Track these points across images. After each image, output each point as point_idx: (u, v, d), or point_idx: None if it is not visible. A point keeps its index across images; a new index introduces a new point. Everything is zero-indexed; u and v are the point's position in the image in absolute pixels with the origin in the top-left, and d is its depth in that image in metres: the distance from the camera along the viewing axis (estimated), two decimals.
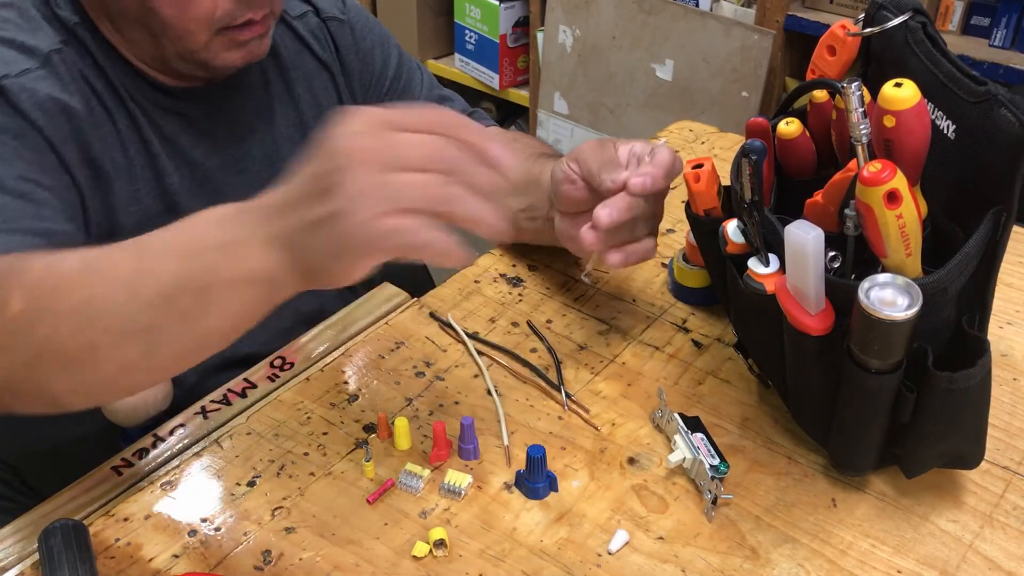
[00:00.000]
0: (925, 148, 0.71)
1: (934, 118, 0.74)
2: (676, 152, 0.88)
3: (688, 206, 0.89)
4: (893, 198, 0.67)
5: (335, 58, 1.12)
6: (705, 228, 0.87)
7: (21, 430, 1.04)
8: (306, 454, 0.86)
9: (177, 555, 0.77)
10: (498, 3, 2.81)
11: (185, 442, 0.88)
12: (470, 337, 0.98)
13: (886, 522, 0.79)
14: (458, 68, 3.05)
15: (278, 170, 1.07)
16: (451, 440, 0.85)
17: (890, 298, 0.68)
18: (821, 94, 0.85)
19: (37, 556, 0.76)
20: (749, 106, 2.36)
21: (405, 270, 1.38)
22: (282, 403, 0.91)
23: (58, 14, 0.94)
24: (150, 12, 0.89)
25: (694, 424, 0.84)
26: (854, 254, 0.74)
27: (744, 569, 0.75)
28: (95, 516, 0.81)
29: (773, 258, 0.77)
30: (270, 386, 0.94)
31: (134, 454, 0.87)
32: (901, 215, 0.67)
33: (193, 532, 0.79)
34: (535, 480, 0.81)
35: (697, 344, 0.98)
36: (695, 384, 0.93)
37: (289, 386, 0.93)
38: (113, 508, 0.81)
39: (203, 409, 0.91)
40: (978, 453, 0.78)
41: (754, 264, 0.78)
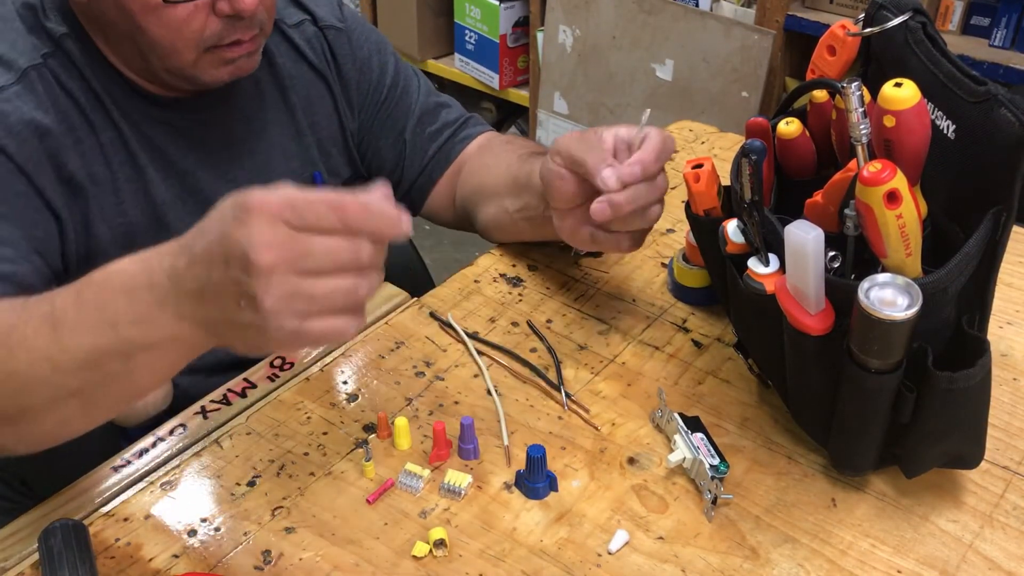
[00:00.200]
0: (925, 148, 0.71)
1: (934, 118, 0.74)
2: (666, 132, 0.88)
3: (688, 206, 0.89)
4: (893, 198, 0.67)
5: (332, 67, 1.11)
6: (705, 228, 0.87)
7: None
8: (306, 454, 0.86)
9: (177, 555, 0.77)
10: (498, 3, 2.81)
11: (185, 442, 0.88)
12: (470, 337, 0.98)
13: (886, 522, 0.79)
14: (458, 68, 3.05)
15: (270, 179, 1.07)
16: (451, 440, 0.85)
17: (890, 298, 0.68)
18: (821, 94, 0.85)
19: (37, 556, 0.76)
20: (749, 106, 2.36)
21: (405, 270, 1.39)
22: (282, 403, 0.91)
23: (45, 25, 0.93)
24: (139, 30, 0.89)
25: (694, 424, 0.84)
26: (854, 254, 0.74)
27: (744, 569, 0.75)
28: (95, 516, 0.81)
29: (773, 258, 0.77)
30: (270, 386, 0.94)
31: (134, 454, 0.87)
32: (901, 215, 0.67)
33: (193, 532, 0.79)
34: (535, 480, 0.81)
35: (697, 344, 0.98)
36: (695, 384, 0.93)
37: (289, 386, 0.93)
38: (113, 508, 0.81)
39: (203, 409, 0.91)
40: (978, 453, 0.78)
41: (754, 264, 0.78)
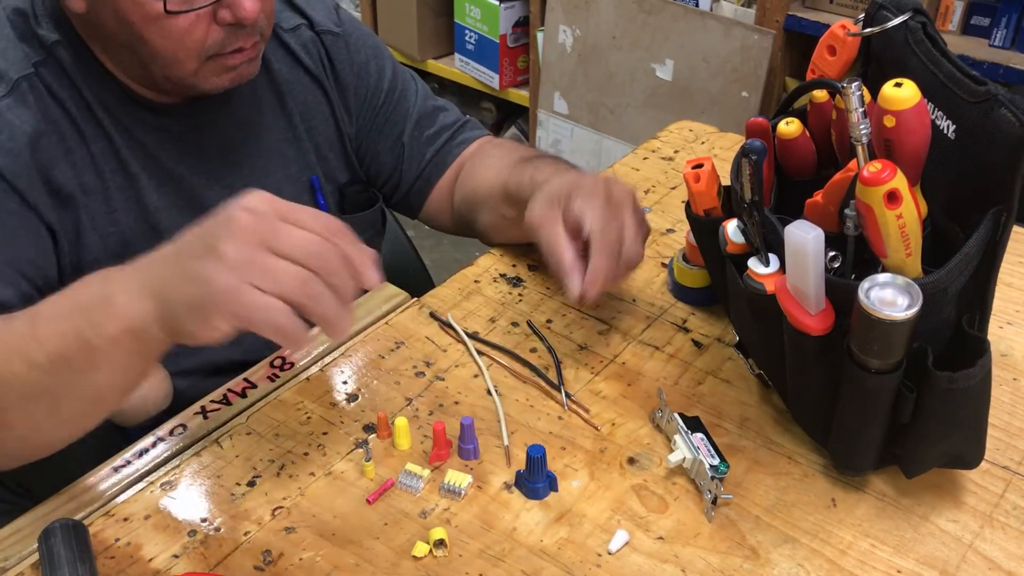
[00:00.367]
0: (925, 148, 0.71)
1: (934, 118, 0.74)
2: (635, 247, 0.89)
3: (688, 206, 0.89)
4: (893, 198, 0.67)
5: (329, 72, 1.11)
6: (705, 228, 0.87)
7: None
8: (306, 454, 0.86)
9: (177, 555, 0.77)
10: (498, 3, 2.81)
11: (185, 442, 0.88)
12: (470, 337, 0.98)
13: (886, 522, 0.79)
14: (458, 68, 3.05)
15: (267, 184, 1.07)
16: (451, 440, 0.85)
17: (890, 298, 0.68)
18: (821, 94, 0.85)
19: (37, 556, 0.76)
20: (749, 106, 2.36)
21: (405, 270, 1.39)
22: (282, 403, 0.91)
23: (36, 32, 0.93)
24: (140, 40, 0.89)
25: (694, 424, 0.84)
26: (854, 254, 0.74)
27: (744, 569, 0.75)
28: (95, 516, 0.81)
29: (773, 258, 0.77)
30: (270, 386, 0.94)
31: (134, 454, 0.87)
32: (901, 215, 0.67)
33: (193, 532, 0.79)
34: (535, 480, 0.81)
35: (697, 344, 0.98)
36: (695, 384, 0.93)
37: (289, 386, 0.93)
38: (113, 508, 0.81)
39: (203, 409, 0.91)
40: (978, 453, 0.78)
41: (754, 264, 0.78)
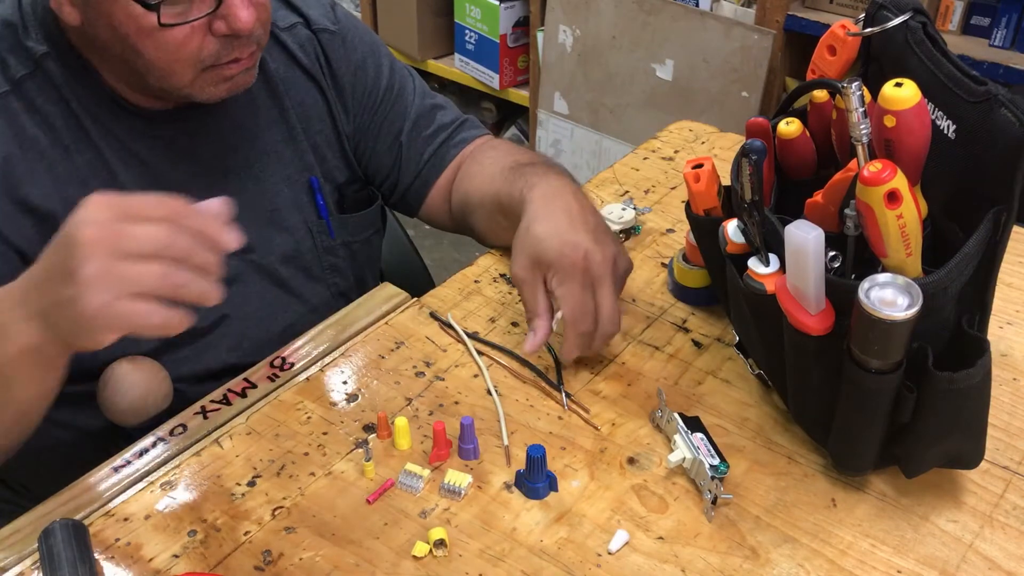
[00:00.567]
0: (925, 148, 0.71)
1: (934, 118, 0.74)
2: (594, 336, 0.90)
3: (688, 206, 0.89)
4: (893, 198, 0.67)
5: (326, 71, 1.10)
6: (705, 228, 0.87)
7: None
8: (306, 454, 0.86)
9: (177, 555, 0.77)
10: (498, 3, 2.81)
11: (185, 442, 0.88)
12: (470, 337, 0.98)
13: (886, 522, 0.79)
14: (458, 68, 3.05)
15: (265, 186, 1.07)
16: (451, 440, 0.85)
17: (890, 298, 0.68)
18: (821, 94, 0.85)
19: (37, 556, 0.76)
20: (749, 106, 2.36)
21: (405, 270, 1.39)
22: (282, 403, 0.91)
23: (25, 44, 0.92)
24: (135, 53, 0.88)
25: (694, 424, 0.84)
26: (854, 254, 0.74)
27: (744, 569, 0.75)
28: (95, 516, 0.81)
29: (773, 258, 0.77)
30: (270, 386, 0.94)
31: (134, 454, 0.87)
32: (901, 215, 0.67)
33: (193, 532, 0.79)
34: (535, 480, 0.81)
35: (697, 344, 0.98)
36: (695, 384, 0.93)
37: (289, 386, 0.93)
38: (113, 508, 0.81)
39: (203, 409, 0.91)
40: (978, 453, 0.78)
41: (754, 264, 0.78)
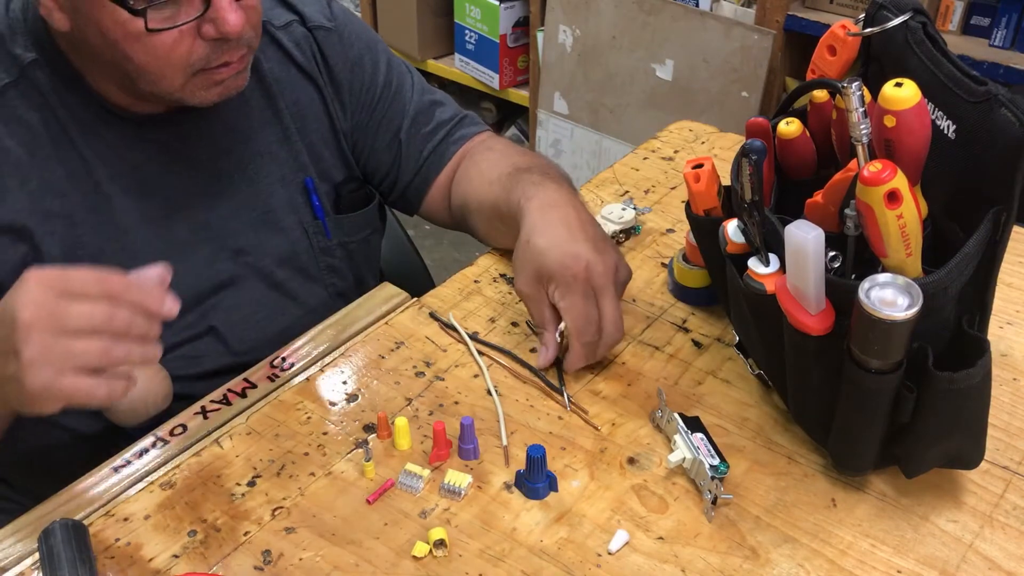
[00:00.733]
0: (925, 148, 0.71)
1: (934, 118, 0.74)
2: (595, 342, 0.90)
3: (688, 206, 0.89)
4: (893, 198, 0.67)
5: (322, 69, 1.10)
6: (705, 228, 0.87)
7: (21, 433, 1.04)
8: (306, 454, 0.86)
9: (177, 555, 0.77)
10: (498, 3, 2.81)
11: (185, 442, 0.88)
12: (470, 337, 0.98)
13: (886, 522, 0.79)
14: (458, 68, 3.05)
15: (260, 188, 1.06)
16: (451, 440, 0.85)
17: (890, 298, 0.68)
18: (821, 94, 0.85)
19: (37, 556, 0.76)
20: (749, 106, 2.36)
21: (405, 270, 1.39)
22: (282, 403, 0.91)
23: (12, 52, 0.92)
24: (124, 58, 0.88)
25: (694, 424, 0.84)
26: (854, 254, 0.74)
27: (744, 569, 0.75)
28: (95, 516, 0.81)
29: (773, 258, 0.77)
30: (270, 386, 0.94)
31: (134, 454, 0.87)
32: (901, 215, 0.67)
33: (193, 532, 0.79)
34: (535, 480, 0.81)
35: (697, 344, 0.98)
36: (695, 384, 0.93)
37: (289, 386, 0.93)
38: (113, 508, 0.81)
39: (203, 409, 0.91)
40: (978, 453, 0.78)
41: (754, 264, 0.78)
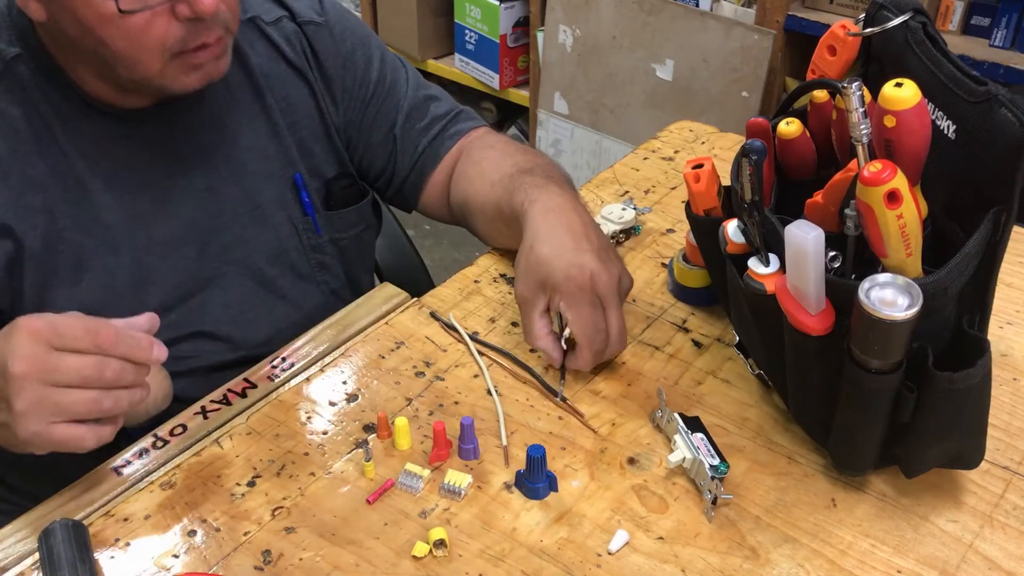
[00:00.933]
0: (925, 148, 0.71)
1: (934, 118, 0.74)
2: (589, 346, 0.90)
3: (688, 206, 0.89)
4: (893, 198, 0.67)
5: (312, 64, 1.09)
6: (705, 228, 0.87)
7: None
8: (306, 454, 0.86)
9: (177, 555, 0.77)
10: (498, 3, 2.81)
11: (185, 442, 0.88)
12: (470, 337, 0.98)
13: (886, 522, 0.79)
14: (458, 68, 3.05)
15: (247, 184, 1.06)
16: (451, 440, 0.85)
17: (890, 298, 0.68)
18: (821, 94, 0.85)
19: (37, 556, 0.76)
20: (749, 106, 2.36)
21: (405, 270, 1.38)
22: (282, 403, 0.91)
23: None
24: (100, 44, 0.87)
25: (694, 424, 0.84)
26: (854, 254, 0.74)
27: (744, 569, 0.75)
28: (95, 516, 0.81)
29: (773, 258, 0.77)
30: (270, 386, 0.94)
31: (134, 454, 0.87)
32: (901, 215, 0.67)
33: (193, 532, 0.79)
34: (535, 480, 0.81)
35: (697, 344, 0.98)
36: (695, 384, 0.93)
37: (289, 386, 0.93)
38: (113, 508, 0.81)
39: (203, 409, 0.91)
40: (978, 453, 0.78)
41: (754, 264, 0.78)
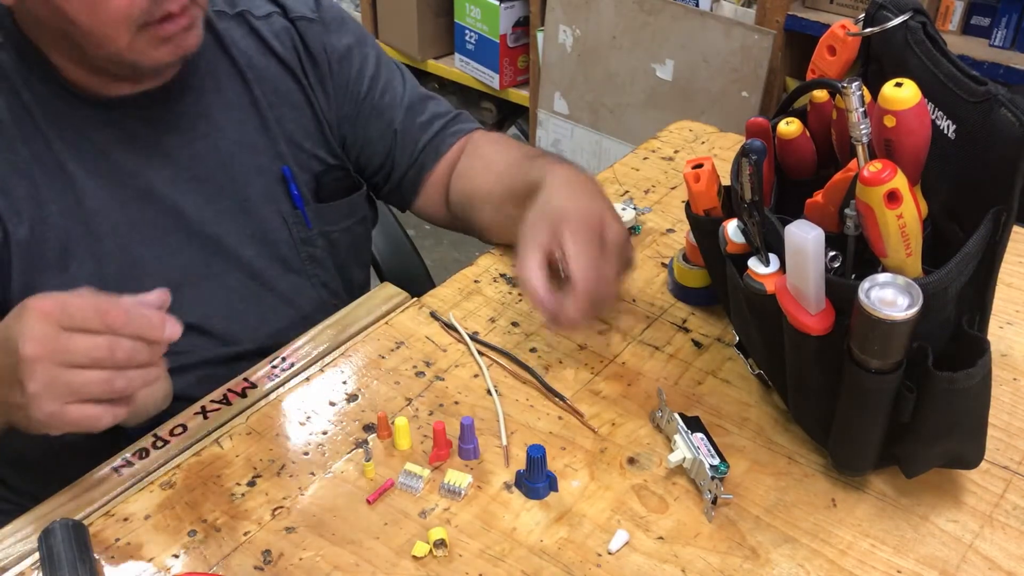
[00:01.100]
0: (925, 148, 0.71)
1: (934, 118, 0.74)
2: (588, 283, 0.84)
3: (688, 206, 0.89)
4: (893, 198, 0.67)
5: (304, 59, 1.09)
6: (705, 228, 0.87)
7: (18, 440, 1.04)
8: (306, 454, 0.86)
9: (177, 555, 0.77)
10: (498, 3, 2.81)
11: (185, 442, 0.88)
12: (470, 337, 0.98)
13: (886, 522, 0.79)
14: (458, 68, 3.05)
15: (235, 176, 1.06)
16: (451, 440, 0.85)
17: (890, 298, 0.68)
18: (821, 94, 0.85)
19: (37, 556, 0.76)
20: (749, 106, 2.36)
21: (405, 270, 1.39)
22: (282, 403, 0.91)
23: None
24: (67, 22, 0.87)
25: (694, 424, 0.84)
26: (854, 254, 0.74)
27: (744, 569, 0.75)
28: (95, 516, 0.81)
29: (773, 258, 0.77)
30: (270, 386, 0.94)
31: (134, 454, 0.87)
32: (901, 215, 0.67)
33: (193, 532, 0.79)
34: (535, 480, 0.81)
35: (697, 344, 0.98)
36: (695, 384, 0.93)
37: (289, 386, 0.93)
38: (113, 508, 0.81)
39: (203, 409, 0.91)
40: (978, 453, 0.78)
41: (754, 264, 0.78)
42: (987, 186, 0.70)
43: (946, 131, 0.73)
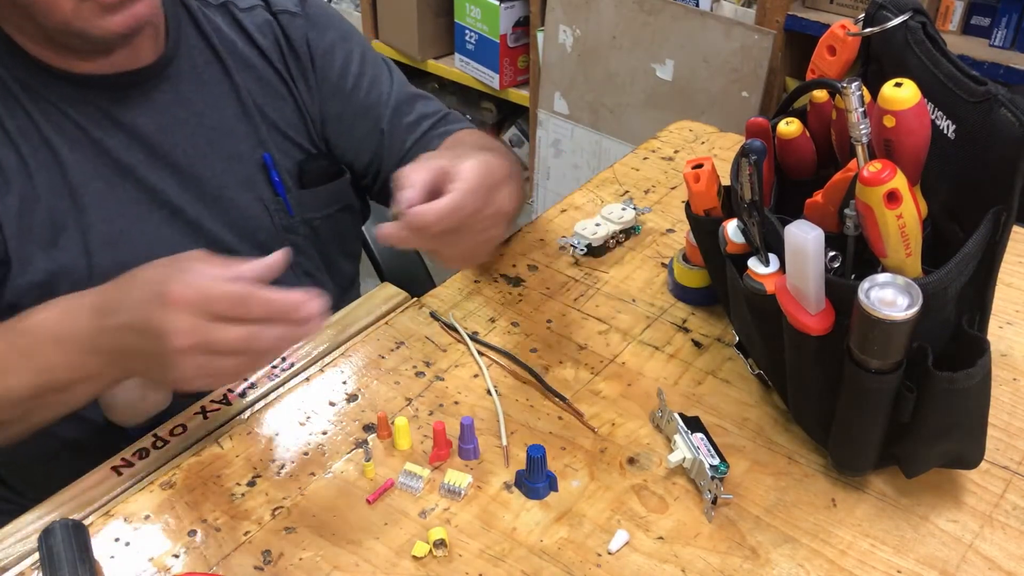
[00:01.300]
0: (925, 148, 0.71)
1: (934, 118, 0.74)
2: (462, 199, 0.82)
3: (688, 206, 0.89)
4: (893, 198, 0.67)
5: (286, 52, 1.09)
6: (705, 228, 0.87)
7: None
8: (306, 454, 0.86)
9: (177, 555, 0.77)
10: (498, 3, 2.81)
11: (185, 442, 0.88)
12: (470, 337, 0.98)
13: (886, 522, 0.79)
14: (458, 68, 3.05)
15: (213, 162, 1.05)
16: (451, 440, 0.85)
17: (890, 298, 0.68)
18: (821, 94, 0.85)
19: (37, 556, 0.76)
20: (749, 106, 2.36)
21: (405, 270, 1.38)
22: (282, 403, 0.91)
23: None
24: None
25: (694, 424, 0.84)
26: (854, 254, 0.74)
27: (744, 569, 0.75)
28: (95, 516, 0.81)
29: (773, 258, 0.77)
30: (270, 386, 0.94)
31: (134, 454, 0.87)
32: (901, 215, 0.67)
33: (193, 532, 0.79)
34: (535, 480, 0.81)
35: (697, 344, 0.98)
36: (695, 384, 0.93)
37: (289, 386, 0.93)
38: (113, 508, 0.81)
39: (203, 409, 0.91)
40: (978, 453, 0.78)
41: (754, 264, 0.78)
42: (987, 186, 0.70)
43: (946, 131, 0.73)
